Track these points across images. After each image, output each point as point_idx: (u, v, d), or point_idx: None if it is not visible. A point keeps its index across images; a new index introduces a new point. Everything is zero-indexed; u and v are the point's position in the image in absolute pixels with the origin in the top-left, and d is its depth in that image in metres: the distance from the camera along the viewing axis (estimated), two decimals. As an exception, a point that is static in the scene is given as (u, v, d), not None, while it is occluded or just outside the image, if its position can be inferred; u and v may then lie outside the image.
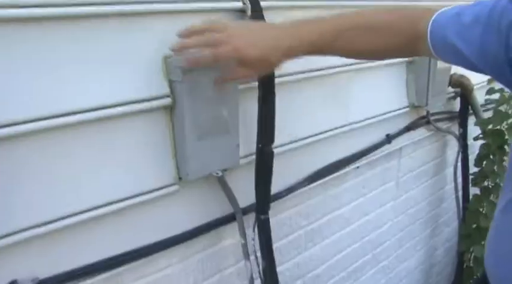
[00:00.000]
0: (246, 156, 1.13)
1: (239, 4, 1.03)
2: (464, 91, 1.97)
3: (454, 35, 0.78)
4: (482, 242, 2.13)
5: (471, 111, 2.07)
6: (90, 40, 0.84)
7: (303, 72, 1.24)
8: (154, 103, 0.93)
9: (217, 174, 1.02)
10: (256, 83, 1.06)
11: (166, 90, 0.94)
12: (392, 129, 1.70)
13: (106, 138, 0.90)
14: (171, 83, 0.94)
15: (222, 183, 1.06)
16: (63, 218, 0.86)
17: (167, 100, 0.95)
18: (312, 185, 1.39)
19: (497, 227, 0.84)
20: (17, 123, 0.77)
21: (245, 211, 1.16)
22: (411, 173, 1.96)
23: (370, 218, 1.79)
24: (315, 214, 1.50)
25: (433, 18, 0.82)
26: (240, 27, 0.91)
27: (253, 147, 1.11)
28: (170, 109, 0.97)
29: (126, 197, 0.94)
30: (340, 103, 1.42)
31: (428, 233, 2.27)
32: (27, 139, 0.79)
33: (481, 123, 1.98)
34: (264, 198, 1.13)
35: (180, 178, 1.01)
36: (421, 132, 1.89)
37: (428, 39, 0.83)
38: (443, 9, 0.83)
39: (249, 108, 1.08)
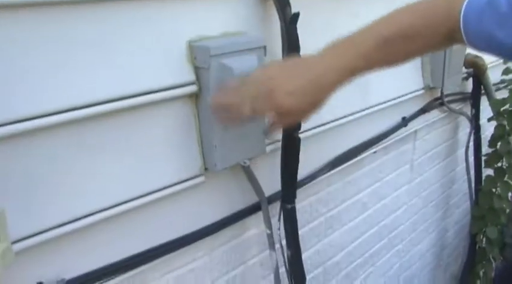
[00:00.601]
0: (270, 143, 1.09)
1: (263, -15, 0.98)
2: (477, 72, 1.93)
3: (491, 24, 0.75)
4: (496, 224, 2.12)
5: (483, 91, 2.04)
6: (111, 24, 0.79)
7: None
8: (179, 91, 0.89)
9: (244, 163, 0.98)
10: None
11: (191, 77, 0.90)
12: (408, 112, 1.66)
13: (129, 129, 0.85)
14: (196, 70, 0.90)
15: (248, 172, 1.02)
16: (87, 216, 0.82)
17: (193, 88, 0.90)
18: (332, 171, 1.35)
19: None
20: (37, 116, 0.72)
21: (270, 200, 1.12)
22: (425, 156, 1.93)
23: (386, 202, 1.76)
24: (334, 200, 1.46)
25: (463, 8, 0.78)
26: (278, 73, 0.83)
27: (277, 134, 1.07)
28: (195, 97, 0.92)
29: (150, 191, 0.90)
30: (359, 86, 1.38)
31: (439, 215, 2.24)
32: (46, 134, 0.74)
33: (495, 103, 1.95)
34: (291, 187, 1.09)
35: (206, 169, 0.96)
36: (435, 114, 1.86)
37: (462, 31, 0.79)
38: None
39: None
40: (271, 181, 1.11)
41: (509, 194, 2.15)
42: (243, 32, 0.98)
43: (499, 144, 1.99)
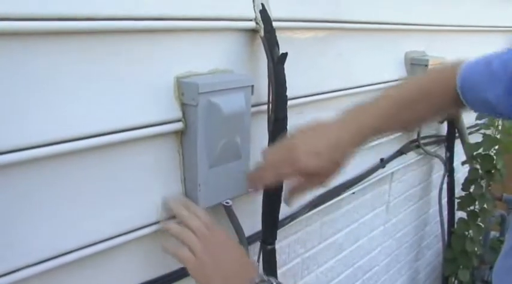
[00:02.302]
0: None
1: (252, 24, 0.98)
2: (452, 115, 1.97)
3: (483, 86, 0.82)
4: (468, 267, 2.12)
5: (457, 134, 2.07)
6: (97, 58, 0.76)
7: (307, 96, 1.20)
8: (165, 127, 0.86)
9: (227, 203, 0.96)
10: (266, 106, 1.01)
11: (178, 113, 0.88)
12: (385, 153, 1.67)
13: (111, 166, 0.82)
14: (183, 106, 0.88)
15: (230, 212, 0.99)
16: (67, 253, 0.78)
17: (179, 125, 0.88)
18: (312, 211, 1.34)
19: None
20: (17, 149, 0.68)
21: (249, 240, 1.10)
22: (400, 197, 1.94)
23: (361, 243, 1.75)
24: (311, 241, 1.45)
25: (460, 73, 0.86)
26: (300, 137, 0.90)
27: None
28: (181, 134, 0.90)
29: (129, 230, 0.86)
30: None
31: (412, 257, 2.24)
32: (27, 168, 0.71)
33: (469, 147, 1.98)
34: (271, 227, 1.07)
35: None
36: (411, 156, 1.87)
37: (461, 95, 0.86)
38: (468, 60, 0.87)
39: (258, 131, 1.03)
40: (251, 221, 1.09)
41: (480, 237, 2.17)
42: (231, 70, 0.98)
43: (472, 187, 2.01)
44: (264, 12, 0.97)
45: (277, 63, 0.98)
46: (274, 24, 0.99)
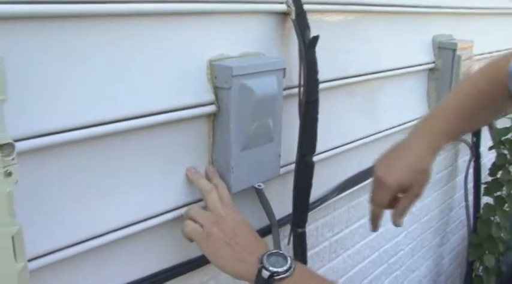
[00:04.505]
0: (283, 165, 1.07)
1: (283, 7, 0.98)
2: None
3: None
4: (494, 252, 2.11)
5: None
6: (130, 41, 0.76)
7: (335, 80, 1.20)
8: (197, 110, 0.87)
9: (259, 186, 0.97)
10: (297, 89, 1.01)
11: (210, 96, 0.88)
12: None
13: (141, 149, 0.83)
14: (216, 90, 0.88)
15: (261, 195, 1.00)
16: (106, 233, 0.79)
17: (211, 108, 0.89)
18: (340, 195, 1.34)
19: None
20: (52, 132, 0.69)
21: (279, 223, 1.10)
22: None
23: (388, 227, 1.74)
24: (339, 225, 1.45)
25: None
26: (382, 164, 0.99)
27: (291, 157, 1.06)
28: (213, 116, 0.91)
29: (158, 213, 0.87)
30: (370, 111, 1.38)
31: (437, 241, 2.23)
32: (62, 151, 0.72)
33: (497, 132, 1.96)
34: (302, 211, 1.07)
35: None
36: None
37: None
38: None
39: (289, 114, 1.03)
40: (281, 204, 1.10)
41: (507, 223, 2.15)
42: (262, 53, 0.98)
43: (499, 172, 1.99)
44: (295, -5, 0.97)
45: (308, 46, 0.98)
46: (305, 7, 0.99)
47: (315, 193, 1.23)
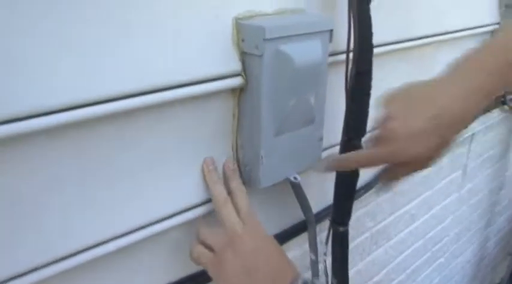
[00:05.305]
0: (326, 149, 0.87)
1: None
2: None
3: None
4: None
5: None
6: None
7: (388, 44, 0.98)
8: (219, 84, 0.66)
9: (295, 179, 0.77)
10: (344, 56, 0.79)
11: (236, 65, 0.68)
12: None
13: (153, 133, 0.64)
14: (243, 56, 0.68)
15: (297, 189, 0.80)
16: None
17: (237, 80, 0.68)
18: (386, 181, 1.14)
19: None
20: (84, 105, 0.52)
21: (317, 218, 0.91)
22: (479, 159, 1.71)
23: (434, 212, 1.55)
24: (382, 213, 1.25)
25: None
26: (398, 112, 0.67)
27: (333, 138, 0.86)
28: (239, 91, 0.70)
29: (176, 212, 0.69)
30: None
31: (483, 224, 2.03)
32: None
33: None
34: (346, 206, 0.88)
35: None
36: (494, 115, 1.63)
37: None
38: None
39: (334, 87, 0.82)
40: (319, 196, 0.91)
41: None
42: (302, 10, 0.76)
43: None
44: None
45: (361, 1, 0.76)
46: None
47: (359, 179, 1.04)
